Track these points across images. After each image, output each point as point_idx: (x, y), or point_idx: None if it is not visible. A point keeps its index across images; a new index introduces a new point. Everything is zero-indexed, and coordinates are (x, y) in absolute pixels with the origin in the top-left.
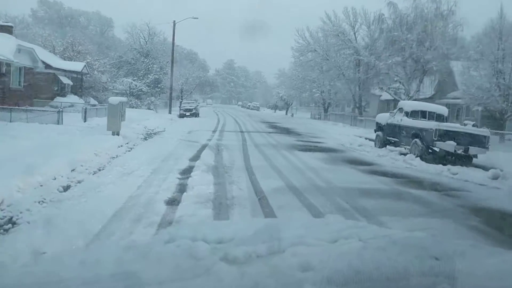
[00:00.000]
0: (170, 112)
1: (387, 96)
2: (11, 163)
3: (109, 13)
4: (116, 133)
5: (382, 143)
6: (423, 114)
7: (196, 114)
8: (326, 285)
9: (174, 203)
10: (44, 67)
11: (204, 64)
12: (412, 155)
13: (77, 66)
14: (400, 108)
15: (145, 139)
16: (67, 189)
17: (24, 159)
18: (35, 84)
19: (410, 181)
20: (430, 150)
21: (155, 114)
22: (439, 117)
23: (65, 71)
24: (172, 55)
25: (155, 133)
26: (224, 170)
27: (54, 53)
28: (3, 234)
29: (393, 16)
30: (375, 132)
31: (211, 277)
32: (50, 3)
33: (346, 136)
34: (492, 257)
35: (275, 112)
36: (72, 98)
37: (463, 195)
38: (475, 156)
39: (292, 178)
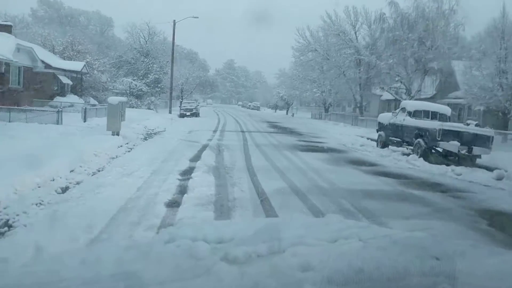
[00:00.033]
0: (170, 112)
1: (388, 96)
2: (9, 164)
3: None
4: (116, 133)
5: (384, 143)
6: (426, 114)
7: (196, 114)
8: (326, 285)
9: (174, 205)
10: (44, 67)
11: (204, 64)
12: (415, 155)
13: (76, 65)
14: (403, 108)
15: (145, 139)
16: (65, 190)
17: (22, 160)
18: (34, 83)
19: (414, 182)
20: (433, 150)
21: (155, 114)
22: (442, 117)
23: (64, 70)
24: (172, 54)
25: (155, 133)
26: (225, 171)
27: (54, 52)
28: None
29: (394, 15)
30: (377, 132)
31: (211, 277)
32: (50, 3)
33: (348, 136)
34: (492, 257)
35: (275, 112)
36: (72, 98)
37: (468, 196)
38: (479, 156)
39: (294, 179)
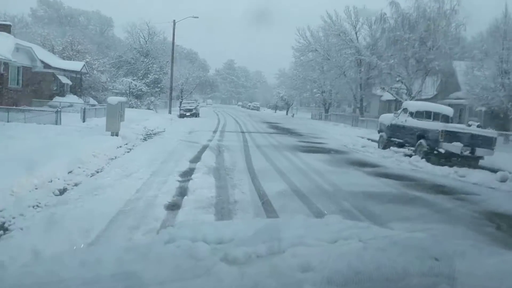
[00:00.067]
0: (170, 112)
1: (388, 97)
2: (6, 165)
3: (109, 13)
4: (115, 133)
5: (386, 144)
6: (428, 115)
7: (196, 114)
8: (326, 285)
9: (174, 207)
10: (43, 67)
11: (204, 64)
12: (418, 156)
13: (76, 65)
14: (405, 109)
15: (144, 139)
16: (63, 192)
17: (19, 161)
18: (33, 83)
19: (418, 184)
20: (435, 152)
21: (155, 114)
22: (444, 118)
23: (64, 70)
24: (172, 54)
25: (155, 134)
26: (225, 173)
27: (53, 52)
28: None
29: (395, 15)
30: (379, 133)
31: (211, 278)
32: (50, 3)
33: (348, 137)
34: (492, 257)
35: (275, 112)
36: (71, 98)
37: (474, 199)
38: (482, 157)
39: (296, 181)
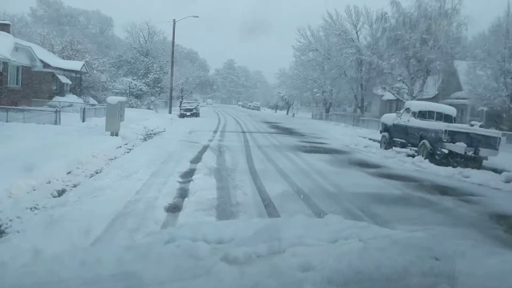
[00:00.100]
0: (170, 112)
1: (389, 96)
2: (4, 165)
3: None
4: (114, 133)
5: (388, 144)
6: (430, 115)
7: (196, 114)
8: (326, 285)
9: (175, 210)
10: (43, 66)
11: (204, 64)
12: (421, 157)
13: (76, 65)
14: (407, 109)
15: (144, 139)
16: (61, 193)
17: (17, 161)
18: (33, 83)
19: (423, 185)
20: (438, 152)
21: (155, 114)
22: (447, 118)
23: (64, 70)
24: (172, 54)
25: (155, 134)
26: (227, 173)
27: (53, 52)
28: None
29: (396, 15)
30: (381, 133)
31: (211, 277)
32: (50, 2)
33: (350, 137)
34: (492, 257)
35: (275, 112)
36: (71, 98)
37: (480, 200)
38: (486, 158)
39: (298, 182)
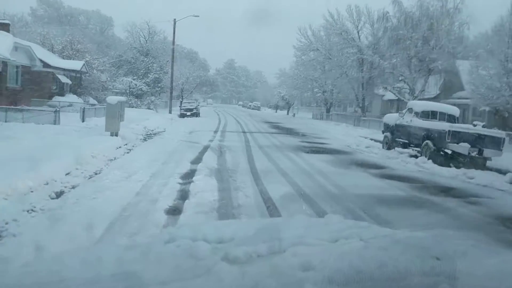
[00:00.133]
0: (170, 112)
1: (390, 96)
2: (1, 166)
3: (109, 12)
4: (114, 133)
5: (390, 145)
6: (434, 115)
7: (196, 114)
8: (327, 284)
9: (175, 212)
10: (42, 66)
11: (204, 64)
12: (424, 157)
13: (76, 64)
14: (410, 109)
15: (144, 140)
16: (60, 195)
17: (15, 162)
18: (32, 83)
19: (427, 186)
20: (442, 152)
21: (155, 114)
22: (451, 118)
23: (63, 69)
24: (173, 54)
25: (155, 134)
26: (228, 174)
27: (53, 51)
28: None
29: (397, 14)
30: (383, 133)
31: (211, 277)
32: (50, 2)
33: (351, 137)
34: (492, 257)
35: (276, 112)
36: (71, 98)
37: (486, 202)
38: (489, 158)
39: (301, 183)
